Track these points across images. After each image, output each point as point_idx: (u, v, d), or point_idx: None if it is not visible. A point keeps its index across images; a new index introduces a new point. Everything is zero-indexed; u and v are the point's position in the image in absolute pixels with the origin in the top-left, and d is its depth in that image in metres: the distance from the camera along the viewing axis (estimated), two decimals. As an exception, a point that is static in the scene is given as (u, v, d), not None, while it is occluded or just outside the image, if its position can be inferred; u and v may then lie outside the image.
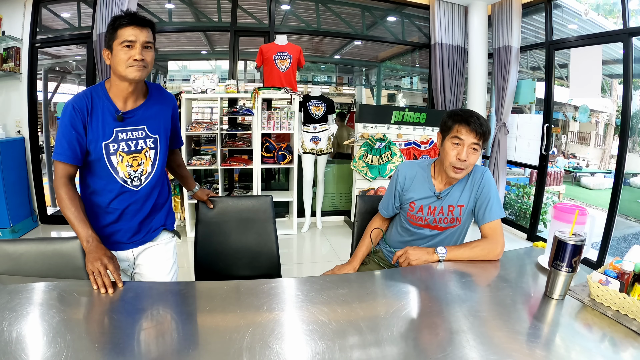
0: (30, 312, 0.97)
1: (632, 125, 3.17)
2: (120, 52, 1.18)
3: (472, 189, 1.49)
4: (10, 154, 3.49)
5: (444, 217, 1.50)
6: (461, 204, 1.49)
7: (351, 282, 1.24)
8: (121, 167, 1.27)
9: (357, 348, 0.87)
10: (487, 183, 1.48)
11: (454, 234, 1.56)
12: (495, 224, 1.46)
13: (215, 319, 1.01)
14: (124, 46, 1.18)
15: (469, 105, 4.32)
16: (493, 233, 1.45)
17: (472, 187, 1.49)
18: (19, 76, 3.65)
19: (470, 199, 1.49)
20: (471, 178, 1.49)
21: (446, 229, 1.53)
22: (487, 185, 1.47)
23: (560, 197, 4.96)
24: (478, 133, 1.35)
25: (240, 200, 1.77)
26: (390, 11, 4.65)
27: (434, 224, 1.52)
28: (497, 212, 1.46)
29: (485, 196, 1.46)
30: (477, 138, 1.35)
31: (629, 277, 1.05)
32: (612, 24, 3.45)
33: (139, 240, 1.37)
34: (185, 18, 4.44)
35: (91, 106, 1.22)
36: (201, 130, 3.50)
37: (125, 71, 1.19)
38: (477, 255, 1.39)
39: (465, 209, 1.50)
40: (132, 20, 1.19)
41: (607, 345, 0.92)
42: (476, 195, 1.48)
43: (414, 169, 1.55)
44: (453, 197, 1.49)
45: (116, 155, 1.26)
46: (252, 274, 1.69)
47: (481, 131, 1.35)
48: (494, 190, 1.48)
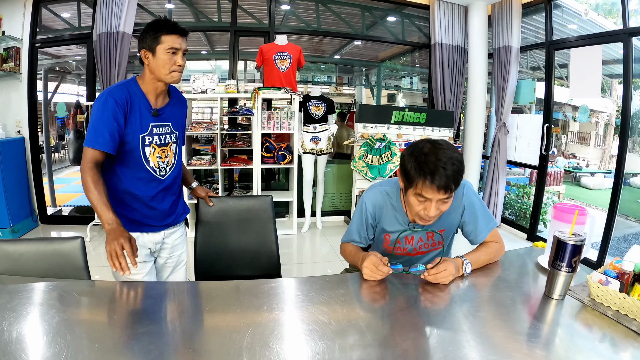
0: (30, 312, 0.97)
1: (632, 125, 3.17)
2: (164, 57, 1.31)
3: (453, 211, 1.33)
4: (10, 154, 3.49)
5: (424, 243, 1.38)
6: (441, 229, 1.35)
7: (351, 282, 1.24)
8: (152, 158, 1.39)
9: (357, 348, 0.87)
10: (470, 200, 1.34)
11: (439, 253, 1.44)
12: (492, 235, 1.37)
13: (215, 319, 1.01)
14: (169, 52, 1.31)
15: (469, 105, 4.32)
16: (495, 240, 1.38)
17: (451, 209, 1.29)
18: (19, 76, 3.65)
19: (452, 222, 1.37)
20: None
21: (430, 252, 1.43)
22: (470, 203, 1.34)
23: (560, 197, 4.97)
24: (448, 189, 1.13)
25: (240, 200, 1.77)
26: (390, 11, 4.65)
27: (415, 252, 1.40)
28: (490, 225, 1.36)
29: (472, 216, 1.34)
30: (447, 193, 1.14)
31: (629, 277, 1.05)
32: (612, 24, 3.45)
33: (170, 223, 1.52)
34: (185, 18, 4.44)
35: (130, 101, 1.33)
36: (201, 130, 3.50)
37: (167, 75, 1.33)
38: (491, 258, 1.32)
39: (446, 232, 1.38)
40: (176, 29, 1.32)
41: (607, 345, 0.92)
42: (461, 216, 1.35)
43: (382, 198, 1.37)
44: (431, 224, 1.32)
45: (150, 147, 1.37)
46: (252, 274, 1.69)
47: (452, 185, 1.13)
48: (479, 205, 1.35)
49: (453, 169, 1.12)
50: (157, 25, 1.31)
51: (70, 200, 5.42)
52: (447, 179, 1.11)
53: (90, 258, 1.33)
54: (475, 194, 1.37)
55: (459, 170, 1.14)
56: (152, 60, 1.32)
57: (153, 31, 1.31)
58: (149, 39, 1.32)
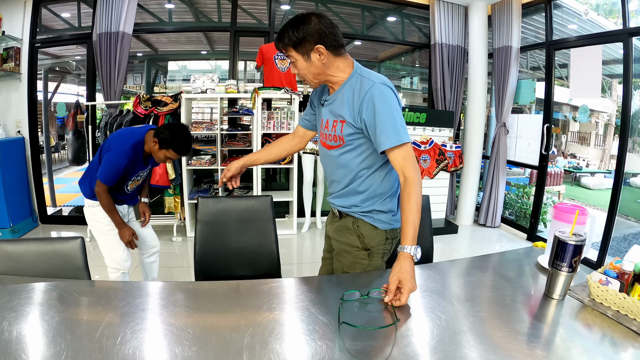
0: (30, 312, 0.97)
1: (632, 125, 3.17)
2: (161, 156, 1.98)
3: (350, 104, 1.22)
4: (10, 154, 3.49)
5: (329, 133, 1.29)
6: (343, 120, 1.23)
7: (351, 282, 1.24)
8: (130, 185, 2.03)
9: (357, 348, 0.87)
10: (375, 100, 1.16)
11: (354, 158, 1.27)
12: (401, 150, 1.16)
13: (215, 319, 1.01)
14: (167, 157, 1.98)
15: (469, 105, 4.32)
16: (405, 162, 1.16)
17: (350, 101, 1.22)
18: (19, 76, 3.65)
19: (354, 117, 1.21)
20: (351, 90, 1.22)
21: (334, 148, 1.29)
22: (371, 104, 1.17)
23: (560, 197, 4.97)
24: (278, 48, 1.22)
25: (240, 200, 1.77)
26: (390, 11, 4.65)
27: (324, 140, 1.32)
28: (398, 135, 1.15)
29: (376, 117, 1.16)
30: (282, 51, 1.21)
31: (629, 277, 1.05)
32: (612, 24, 3.45)
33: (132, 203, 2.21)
34: (185, 18, 4.44)
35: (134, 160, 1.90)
36: (201, 130, 3.50)
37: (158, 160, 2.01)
38: (417, 204, 1.13)
39: (347, 128, 1.23)
40: (183, 153, 2.01)
41: (607, 345, 0.92)
42: (357, 115, 1.20)
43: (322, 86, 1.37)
44: (335, 107, 1.26)
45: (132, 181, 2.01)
46: (252, 274, 1.69)
47: (279, 44, 1.21)
48: (388, 109, 1.16)
49: (284, 26, 1.19)
50: (175, 140, 1.85)
51: (70, 200, 5.42)
52: (277, 39, 1.22)
53: (90, 258, 1.33)
54: (388, 100, 1.17)
55: (286, 26, 1.18)
56: (156, 150, 1.89)
57: (169, 138, 1.84)
58: (163, 139, 1.84)
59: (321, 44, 1.17)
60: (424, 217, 1.78)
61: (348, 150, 1.26)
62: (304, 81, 1.31)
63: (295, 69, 1.24)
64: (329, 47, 1.19)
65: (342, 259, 1.37)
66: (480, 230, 4.25)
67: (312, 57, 1.19)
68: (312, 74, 1.23)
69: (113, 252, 2.01)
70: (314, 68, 1.21)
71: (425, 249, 1.76)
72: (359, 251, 1.33)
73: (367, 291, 1.09)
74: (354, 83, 1.22)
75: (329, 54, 1.20)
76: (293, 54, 1.21)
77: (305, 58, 1.20)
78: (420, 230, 1.80)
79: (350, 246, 1.34)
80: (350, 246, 1.34)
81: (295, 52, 1.20)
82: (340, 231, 1.37)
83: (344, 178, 1.31)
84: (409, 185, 1.14)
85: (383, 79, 1.21)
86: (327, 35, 1.17)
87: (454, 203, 4.58)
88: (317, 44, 1.17)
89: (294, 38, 1.17)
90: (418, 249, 1.11)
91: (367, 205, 1.30)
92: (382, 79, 1.22)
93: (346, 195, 1.33)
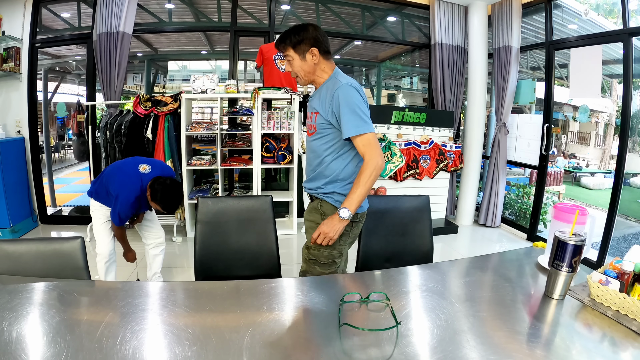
0: (30, 312, 0.97)
1: (632, 125, 3.16)
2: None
3: (324, 100, 1.45)
4: (10, 154, 3.49)
5: (310, 123, 1.55)
6: (316, 112, 1.49)
7: (351, 282, 1.24)
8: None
9: (358, 348, 0.87)
10: (340, 97, 1.39)
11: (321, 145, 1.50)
12: (363, 138, 1.38)
13: (215, 319, 1.01)
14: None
15: (469, 105, 4.32)
16: (367, 148, 1.37)
17: (325, 97, 1.45)
18: (19, 76, 3.65)
19: (325, 110, 1.44)
20: (326, 89, 1.46)
21: (311, 135, 1.54)
22: (338, 100, 1.39)
23: (560, 197, 4.97)
24: (278, 48, 1.48)
25: (240, 200, 1.77)
26: (390, 11, 4.65)
27: (308, 130, 1.58)
28: (362, 126, 1.37)
29: (338, 112, 1.39)
30: (281, 50, 1.47)
31: (629, 277, 1.05)
32: (612, 24, 3.45)
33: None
34: (185, 18, 4.44)
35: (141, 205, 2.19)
36: (201, 130, 3.50)
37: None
38: (368, 182, 1.36)
39: (319, 119, 1.47)
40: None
41: (607, 345, 0.92)
42: (329, 109, 1.43)
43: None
44: (314, 102, 1.53)
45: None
46: (252, 274, 1.69)
47: (280, 44, 1.47)
48: (355, 103, 1.38)
49: (286, 31, 1.47)
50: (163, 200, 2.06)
51: (70, 200, 5.41)
52: (278, 41, 1.47)
53: (90, 258, 1.33)
54: (351, 97, 1.39)
55: (288, 31, 1.46)
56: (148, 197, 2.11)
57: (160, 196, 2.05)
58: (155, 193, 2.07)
59: (315, 47, 1.45)
60: (424, 217, 1.79)
61: (318, 137, 1.51)
62: (296, 78, 1.54)
63: (290, 67, 1.49)
64: (321, 52, 1.46)
65: (309, 236, 1.57)
66: (480, 230, 4.25)
67: (307, 57, 1.46)
68: (304, 72, 1.48)
69: (100, 240, 2.30)
70: (307, 67, 1.47)
71: (425, 249, 1.78)
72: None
73: (367, 294, 1.09)
74: (330, 83, 1.48)
75: (320, 57, 1.47)
76: (291, 53, 1.46)
77: (301, 57, 1.46)
78: (421, 230, 1.80)
79: (315, 223, 1.52)
80: (315, 223, 1.53)
81: (294, 52, 1.46)
82: (310, 212, 1.59)
83: (314, 162, 1.54)
84: (364, 165, 1.38)
85: (350, 81, 1.46)
86: (320, 42, 1.46)
87: (454, 203, 4.58)
88: (312, 46, 1.44)
89: (294, 40, 1.44)
90: (347, 211, 1.37)
91: (330, 188, 1.51)
92: (350, 80, 1.47)
93: (315, 179, 1.55)
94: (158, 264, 2.53)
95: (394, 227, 1.76)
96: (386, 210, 1.76)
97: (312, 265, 1.52)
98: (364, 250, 1.73)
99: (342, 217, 1.36)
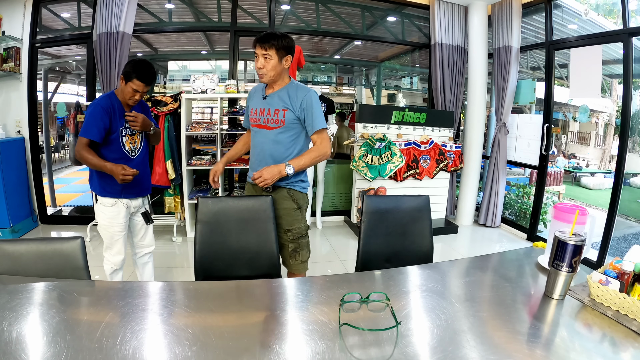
0: (30, 312, 0.97)
1: (632, 125, 3.17)
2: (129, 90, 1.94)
3: (294, 101, 1.76)
4: (10, 154, 3.49)
5: (270, 118, 1.80)
6: (285, 109, 1.77)
7: (351, 282, 1.24)
8: (127, 143, 2.02)
9: (358, 348, 0.87)
10: (308, 101, 1.76)
11: (288, 137, 1.80)
12: (321, 132, 1.78)
13: (215, 319, 1.01)
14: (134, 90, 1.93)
15: (469, 105, 4.32)
16: (322, 139, 1.78)
17: (294, 99, 1.76)
18: (19, 76, 3.65)
19: (296, 109, 1.76)
20: (294, 92, 1.78)
21: (275, 129, 1.80)
22: (309, 103, 1.76)
23: (560, 197, 4.97)
24: (262, 45, 1.70)
25: (240, 200, 1.77)
26: (390, 11, 4.65)
27: (264, 124, 1.82)
28: (322, 123, 1.78)
29: (309, 112, 1.76)
30: (263, 49, 1.70)
31: (629, 277, 1.05)
32: (612, 24, 3.45)
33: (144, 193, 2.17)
34: (185, 18, 4.44)
35: (112, 108, 1.93)
36: (201, 130, 3.50)
37: (128, 100, 1.97)
38: (314, 160, 1.77)
39: (288, 115, 1.77)
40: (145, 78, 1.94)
41: (607, 345, 0.92)
42: (299, 108, 1.76)
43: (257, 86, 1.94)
44: (277, 101, 1.78)
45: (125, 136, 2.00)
46: (252, 274, 1.69)
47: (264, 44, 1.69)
48: (317, 106, 1.78)
49: (273, 33, 1.72)
50: (135, 68, 1.88)
51: (70, 200, 5.42)
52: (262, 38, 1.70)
53: (90, 258, 1.33)
54: (317, 102, 1.79)
55: (274, 34, 1.71)
56: (123, 88, 1.93)
57: (131, 69, 1.88)
58: (127, 72, 1.89)
59: (290, 55, 1.76)
60: (424, 217, 1.80)
61: (285, 131, 1.79)
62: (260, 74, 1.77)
63: (264, 63, 1.72)
64: (291, 61, 1.78)
65: (282, 221, 1.85)
66: (480, 230, 4.25)
67: (283, 61, 1.74)
68: (275, 72, 1.74)
69: (110, 246, 2.11)
70: (280, 68, 1.75)
71: (425, 249, 1.78)
72: (295, 210, 1.86)
73: (367, 294, 1.09)
74: (293, 87, 1.80)
75: (290, 65, 1.79)
76: (272, 54, 1.71)
77: (279, 59, 1.72)
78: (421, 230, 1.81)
79: (289, 209, 1.85)
80: (289, 209, 1.85)
81: (276, 53, 1.71)
82: (278, 202, 1.83)
83: (282, 154, 1.81)
84: (317, 147, 1.78)
85: (312, 89, 1.83)
86: (292, 53, 1.78)
87: (454, 203, 4.58)
88: (288, 54, 1.75)
89: (280, 44, 1.71)
90: (292, 168, 1.72)
91: (297, 177, 1.85)
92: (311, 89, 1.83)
93: None
94: (150, 272, 2.35)
95: (394, 227, 1.76)
96: (386, 210, 1.76)
97: (299, 241, 1.88)
98: (364, 250, 1.73)
99: (287, 172, 1.70)
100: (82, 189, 6.06)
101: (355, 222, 3.93)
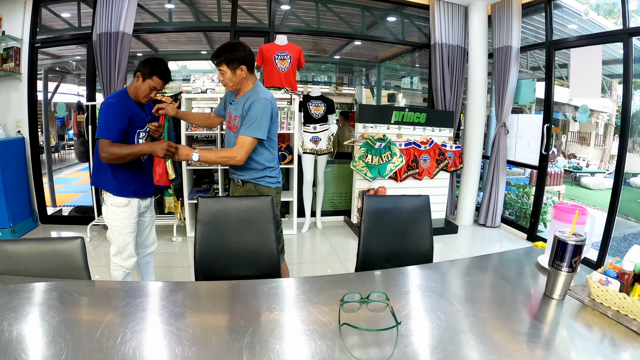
0: (30, 312, 0.97)
1: (632, 125, 3.16)
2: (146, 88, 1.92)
3: (245, 106, 1.83)
4: (10, 154, 3.49)
5: (232, 124, 1.92)
6: (238, 115, 1.86)
7: (351, 282, 1.24)
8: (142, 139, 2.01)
9: (357, 348, 0.87)
10: (252, 108, 1.80)
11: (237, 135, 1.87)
12: (244, 138, 1.79)
13: (215, 319, 1.01)
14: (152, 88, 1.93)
15: (469, 105, 4.32)
16: (240, 145, 1.80)
17: (245, 104, 1.83)
18: (19, 76, 3.65)
19: (243, 113, 1.83)
20: (247, 98, 1.84)
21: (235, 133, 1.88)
22: (252, 109, 1.80)
23: (560, 197, 4.97)
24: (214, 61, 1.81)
25: (240, 200, 1.77)
26: (390, 11, 4.65)
27: (230, 126, 1.94)
28: (250, 131, 1.79)
29: (249, 116, 1.80)
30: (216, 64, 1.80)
31: (629, 277, 1.05)
32: (612, 24, 3.45)
33: (151, 192, 2.16)
34: (185, 18, 4.44)
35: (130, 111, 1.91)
36: (201, 130, 3.50)
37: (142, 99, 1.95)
38: (222, 158, 1.87)
39: (239, 119, 1.85)
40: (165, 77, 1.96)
41: (607, 345, 0.92)
42: (246, 113, 1.82)
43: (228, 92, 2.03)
44: (237, 108, 1.88)
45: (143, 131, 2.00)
46: (252, 274, 1.69)
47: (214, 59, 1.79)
48: (257, 115, 1.79)
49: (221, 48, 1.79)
50: (155, 65, 1.88)
51: (70, 200, 5.41)
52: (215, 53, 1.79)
53: (90, 258, 1.33)
54: (259, 110, 1.79)
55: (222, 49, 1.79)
56: (140, 85, 1.90)
57: (151, 67, 1.87)
58: (146, 70, 1.87)
59: (244, 64, 1.81)
60: (424, 217, 1.80)
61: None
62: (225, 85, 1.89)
63: (222, 77, 1.84)
64: (248, 68, 1.84)
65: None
66: (480, 230, 4.25)
67: (237, 72, 1.81)
68: (233, 83, 1.84)
69: (122, 250, 2.03)
70: (236, 79, 1.83)
71: (425, 249, 1.77)
72: None
73: (367, 294, 1.09)
74: (251, 94, 1.85)
75: (247, 73, 1.84)
76: (224, 68, 1.80)
77: (232, 72, 1.81)
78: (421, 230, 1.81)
79: None
80: None
81: (227, 67, 1.79)
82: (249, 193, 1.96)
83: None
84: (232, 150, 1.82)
85: (266, 95, 1.85)
86: (248, 60, 1.82)
87: (454, 203, 4.58)
88: (242, 64, 1.80)
89: (228, 58, 1.78)
90: (197, 157, 1.76)
91: (261, 173, 1.95)
92: (266, 94, 1.86)
93: (245, 168, 1.94)
94: (152, 271, 2.35)
95: (394, 227, 1.76)
96: (386, 210, 1.76)
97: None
98: (364, 250, 1.73)
99: (193, 158, 1.75)
100: (82, 189, 6.06)
101: (355, 222, 3.93)
